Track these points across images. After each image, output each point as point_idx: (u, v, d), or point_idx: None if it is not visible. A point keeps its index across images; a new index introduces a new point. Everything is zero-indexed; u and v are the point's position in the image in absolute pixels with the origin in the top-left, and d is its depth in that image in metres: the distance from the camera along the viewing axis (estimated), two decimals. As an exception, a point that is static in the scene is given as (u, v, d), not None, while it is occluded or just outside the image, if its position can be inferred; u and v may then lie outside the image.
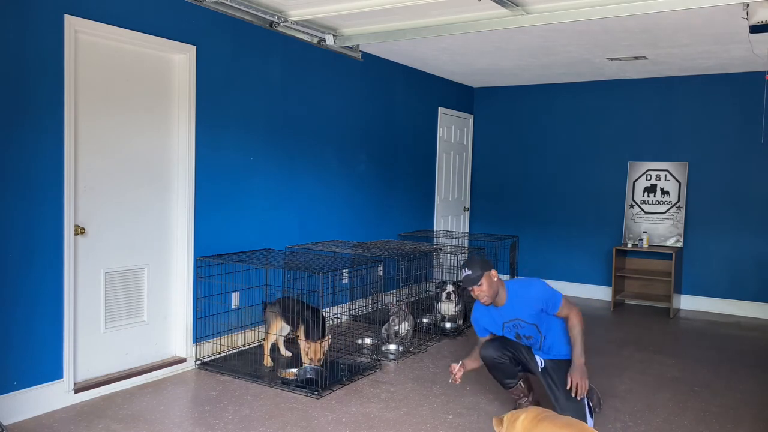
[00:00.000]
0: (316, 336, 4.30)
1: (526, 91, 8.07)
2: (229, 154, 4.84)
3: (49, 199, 3.67)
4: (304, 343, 4.34)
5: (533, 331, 3.51)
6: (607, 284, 7.45)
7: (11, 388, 3.55)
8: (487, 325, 3.66)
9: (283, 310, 4.54)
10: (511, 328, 3.55)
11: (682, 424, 3.80)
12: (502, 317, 3.55)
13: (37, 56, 3.57)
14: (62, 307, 3.77)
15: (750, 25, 4.36)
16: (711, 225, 6.99)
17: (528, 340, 3.55)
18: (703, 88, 6.99)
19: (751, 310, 6.81)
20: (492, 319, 3.62)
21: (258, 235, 5.15)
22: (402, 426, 3.64)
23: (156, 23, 4.20)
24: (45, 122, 3.63)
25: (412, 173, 7.27)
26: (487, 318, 3.64)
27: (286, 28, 5.11)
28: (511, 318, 3.52)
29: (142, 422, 3.60)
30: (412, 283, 6.27)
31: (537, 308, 3.46)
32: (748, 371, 4.86)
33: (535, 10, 4.55)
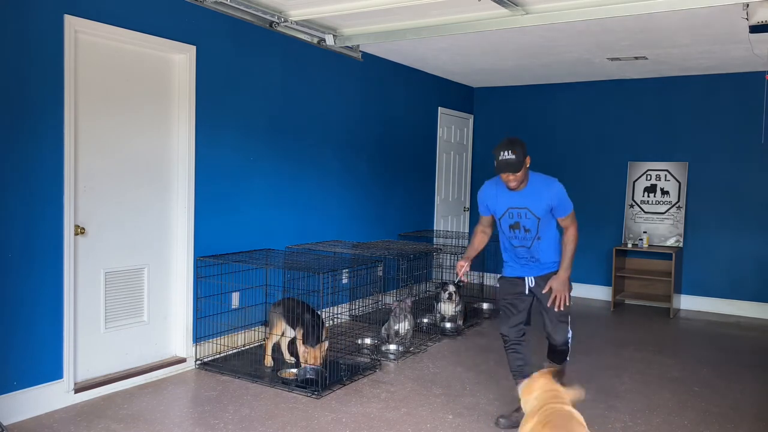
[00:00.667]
0: (313, 341, 4.29)
1: (526, 91, 8.07)
2: (229, 154, 4.84)
3: (49, 199, 3.67)
4: (303, 348, 4.34)
5: (533, 226, 3.53)
6: (607, 284, 7.44)
7: (11, 388, 3.55)
8: (491, 204, 3.66)
9: (285, 311, 4.53)
10: (515, 215, 3.55)
11: (682, 424, 3.80)
12: (511, 203, 3.56)
13: (37, 56, 3.57)
14: (62, 307, 3.77)
15: (750, 25, 4.36)
16: (711, 225, 6.99)
17: (525, 233, 3.55)
18: (703, 88, 6.99)
19: (751, 310, 6.81)
20: (498, 202, 3.61)
21: (258, 235, 5.15)
22: (402, 426, 3.64)
23: (156, 23, 4.20)
24: (45, 122, 3.63)
25: (412, 173, 7.27)
26: (493, 200, 3.64)
27: (286, 28, 5.10)
28: (521, 206, 3.53)
29: (142, 422, 3.60)
30: (412, 283, 6.27)
31: (549, 205, 3.50)
32: (748, 371, 4.86)
33: (535, 10, 4.55)
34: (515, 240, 3.64)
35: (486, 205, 3.72)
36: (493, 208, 3.68)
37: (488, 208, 3.72)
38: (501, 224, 3.67)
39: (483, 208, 3.76)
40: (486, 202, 3.71)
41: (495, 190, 3.65)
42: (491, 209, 3.69)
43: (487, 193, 3.69)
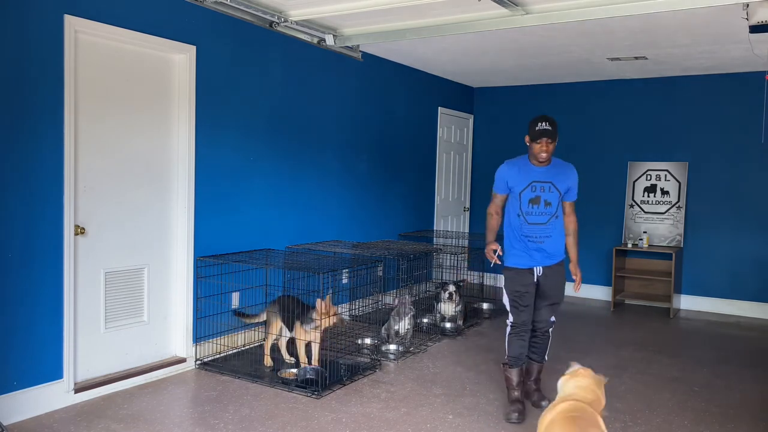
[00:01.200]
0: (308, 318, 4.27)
1: (526, 91, 8.07)
2: (229, 154, 4.84)
3: (49, 199, 3.67)
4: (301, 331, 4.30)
5: (555, 200, 3.81)
6: (607, 284, 7.44)
7: (11, 388, 3.55)
8: (512, 181, 3.82)
9: (281, 310, 4.52)
10: (538, 189, 3.78)
11: (682, 424, 3.80)
12: (535, 176, 3.79)
13: (37, 56, 3.57)
14: (62, 307, 3.77)
15: (750, 25, 4.35)
16: (711, 225, 6.99)
17: (545, 207, 3.78)
18: (703, 88, 6.99)
19: (751, 310, 6.81)
20: (521, 176, 3.79)
21: (258, 235, 5.15)
22: (402, 426, 3.64)
23: (156, 23, 4.20)
24: (45, 122, 3.63)
25: (412, 173, 7.27)
26: (515, 175, 3.81)
27: (286, 28, 5.10)
28: (545, 180, 3.79)
29: (142, 422, 3.60)
30: (412, 283, 6.27)
31: (567, 185, 3.85)
32: (748, 371, 4.86)
33: (535, 10, 4.55)
34: (531, 216, 3.79)
35: (506, 182, 3.86)
36: (513, 184, 3.82)
37: (507, 185, 3.86)
38: (520, 199, 3.80)
39: (502, 185, 3.88)
40: (506, 179, 3.85)
41: (517, 167, 3.84)
42: (510, 185, 3.84)
43: (508, 169, 3.86)
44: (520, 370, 3.89)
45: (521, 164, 3.83)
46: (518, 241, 3.86)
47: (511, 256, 3.90)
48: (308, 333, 4.33)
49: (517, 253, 3.87)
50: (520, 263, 3.85)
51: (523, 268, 3.84)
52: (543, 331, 3.96)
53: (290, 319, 4.44)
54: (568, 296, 7.52)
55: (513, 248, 3.89)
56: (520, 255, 3.86)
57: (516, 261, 3.87)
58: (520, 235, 3.83)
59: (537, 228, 3.80)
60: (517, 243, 3.86)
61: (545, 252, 3.83)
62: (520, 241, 3.84)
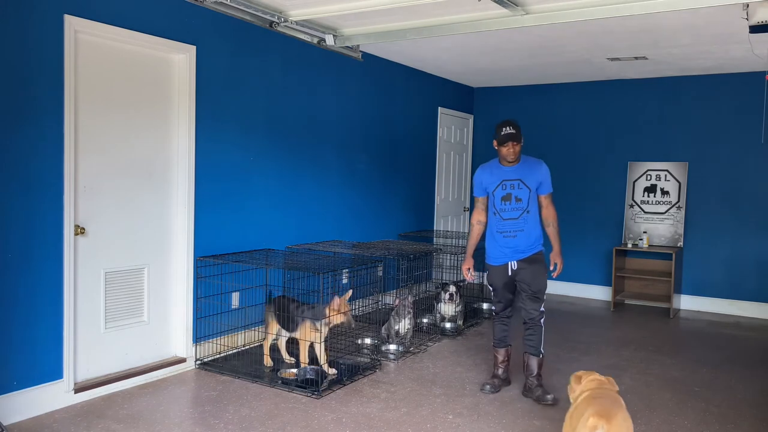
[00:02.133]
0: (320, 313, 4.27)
1: (526, 91, 8.07)
2: (229, 154, 4.84)
3: (49, 199, 3.67)
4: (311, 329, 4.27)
5: (525, 196, 4.08)
6: (607, 284, 7.45)
7: (11, 388, 3.55)
8: (485, 182, 4.17)
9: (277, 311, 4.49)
10: (508, 187, 4.10)
11: (682, 424, 3.80)
12: (505, 176, 4.11)
13: (37, 56, 3.57)
14: (62, 307, 3.77)
15: (750, 25, 4.35)
16: (711, 225, 6.99)
17: (516, 203, 4.08)
18: (703, 88, 6.99)
19: (751, 310, 6.81)
20: (493, 177, 4.14)
21: (258, 235, 5.15)
22: (402, 426, 3.64)
23: (156, 23, 4.20)
24: (45, 122, 3.63)
25: (412, 173, 7.27)
26: (488, 177, 4.16)
27: (286, 28, 5.10)
28: (514, 178, 4.10)
29: (142, 422, 3.60)
30: (412, 283, 6.27)
31: (538, 180, 4.11)
32: (748, 371, 4.86)
33: (535, 10, 4.55)
34: (505, 213, 4.11)
35: (482, 185, 4.21)
36: (487, 184, 4.18)
37: (483, 188, 4.21)
38: (494, 197, 4.14)
39: (480, 189, 4.24)
40: (482, 181, 4.21)
41: (489, 170, 4.20)
42: (485, 186, 4.19)
43: (482, 172, 4.23)
44: (506, 350, 4.33)
45: (493, 166, 4.20)
46: (492, 238, 4.21)
47: (489, 253, 4.26)
48: (318, 330, 4.27)
49: (492, 251, 4.23)
50: (495, 261, 4.21)
51: (497, 264, 4.20)
52: (533, 322, 4.18)
53: (289, 319, 4.42)
54: (568, 296, 7.57)
55: (489, 245, 4.25)
56: (494, 253, 4.21)
57: (492, 259, 4.23)
58: (495, 232, 4.17)
59: (510, 223, 4.12)
60: (491, 240, 4.22)
61: (517, 247, 4.12)
62: (494, 237, 4.19)
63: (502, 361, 4.32)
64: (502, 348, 4.32)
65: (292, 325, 4.39)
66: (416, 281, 6.60)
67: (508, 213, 4.11)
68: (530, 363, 4.18)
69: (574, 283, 7.75)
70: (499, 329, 4.33)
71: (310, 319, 4.28)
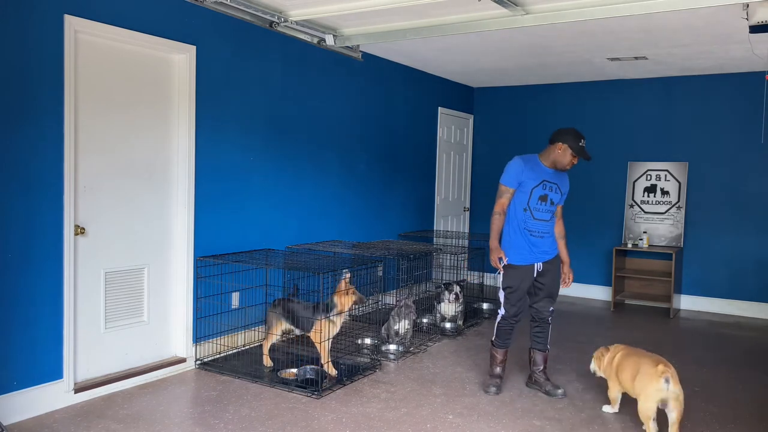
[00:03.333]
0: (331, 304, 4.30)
1: (526, 91, 8.07)
2: (229, 154, 4.84)
3: (49, 199, 3.67)
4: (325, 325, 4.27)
5: (557, 200, 4.18)
6: (607, 284, 7.45)
7: (11, 388, 3.55)
8: (526, 177, 4.07)
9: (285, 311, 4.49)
10: (547, 188, 4.11)
11: (682, 424, 3.79)
12: (546, 176, 4.12)
13: (37, 56, 3.57)
14: (62, 307, 3.77)
15: (750, 25, 4.35)
16: (711, 225, 6.99)
17: (550, 206, 4.13)
18: (703, 88, 6.99)
19: (751, 310, 6.81)
20: (535, 174, 4.08)
21: (258, 235, 5.15)
22: (402, 426, 3.64)
23: (156, 23, 4.20)
24: (45, 122, 3.63)
25: (412, 173, 7.27)
26: (530, 173, 4.08)
27: (286, 28, 5.10)
28: (554, 181, 4.14)
29: (142, 422, 3.60)
30: (412, 283, 6.27)
31: (565, 190, 4.25)
32: (748, 371, 4.86)
33: (535, 10, 4.55)
34: (538, 213, 4.09)
35: (519, 178, 4.08)
36: (526, 179, 4.07)
37: (520, 181, 4.08)
38: (531, 195, 4.07)
39: (513, 179, 4.09)
40: (520, 174, 4.08)
41: (531, 164, 4.11)
42: (523, 180, 4.07)
43: (524, 165, 4.10)
44: (505, 351, 4.31)
45: (534, 162, 4.12)
46: (520, 236, 4.09)
47: (514, 253, 4.11)
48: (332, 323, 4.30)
49: (518, 250, 4.10)
50: (524, 260, 4.11)
51: (525, 264, 4.11)
52: (544, 320, 4.25)
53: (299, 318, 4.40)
54: (568, 296, 7.57)
55: (514, 244, 4.11)
56: (522, 252, 4.10)
57: (519, 258, 4.11)
58: (524, 229, 4.08)
59: (541, 224, 4.10)
60: (519, 238, 4.10)
61: (543, 247, 4.13)
62: (522, 234, 4.09)
63: (501, 360, 4.33)
64: (503, 348, 4.31)
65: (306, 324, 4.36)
66: (416, 281, 6.60)
67: (541, 214, 4.10)
68: (537, 358, 4.29)
69: (574, 283, 7.74)
70: (506, 332, 4.25)
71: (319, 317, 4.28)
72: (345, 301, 4.29)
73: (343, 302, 4.29)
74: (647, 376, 3.46)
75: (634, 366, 3.61)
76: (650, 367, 3.47)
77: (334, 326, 4.34)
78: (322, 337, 4.27)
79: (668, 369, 3.40)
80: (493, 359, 4.33)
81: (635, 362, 3.63)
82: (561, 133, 4.09)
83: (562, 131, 4.10)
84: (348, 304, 4.30)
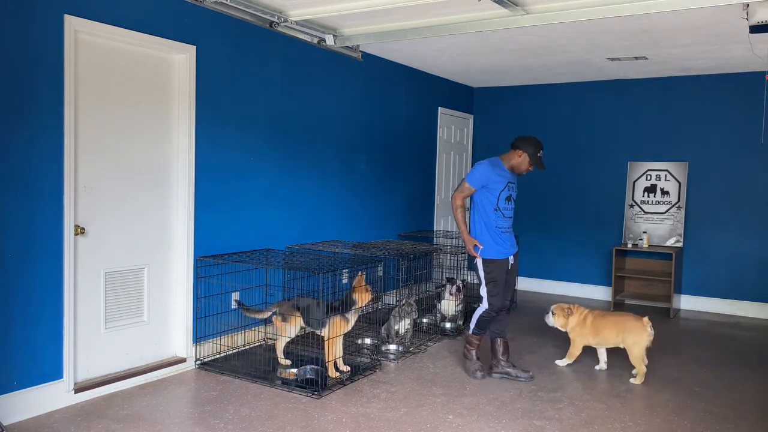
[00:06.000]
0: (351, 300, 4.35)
1: (526, 91, 8.07)
2: (229, 154, 4.84)
3: (49, 199, 3.67)
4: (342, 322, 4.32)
5: (515, 197, 4.51)
6: (607, 284, 7.45)
7: (11, 388, 3.55)
8: (491, 181, 4.35)
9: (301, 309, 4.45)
10: (511, 188, 4.45)
11: (682, 424, 3.80)
12: (509, 178, 4.43)
13: (37, 56, 3.57)
14: (62, 307, 3.77)
15: (750, 25, 4.35)
16: (711, 225, 6.99)
17: (513, 204, 4.50)
18: (703, 88, 6.99)
19: (751, 310, 6.81)
20: (500, 178, 4.37)
21: (258, 235, 5.15)
22: (402, 426, 3.64)
23: (156, 23, 4.20)
24: (45, 122, 3.63)
25: (412, 173, 7.27)
26: (495, 177, 4.36)
27: (286, 28, 5.10)
28: (513, 181, 4.47)
29: (142, 422, 3.60)
30: (412, 283, 6.27)
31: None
32: (748, 371, 4.86)
33: (535, 10, 4.55)
34: (507, 211, 4.43)
35: (484, 180, 4.36)
36: (491, 182, 4.35)
37: (482, 183, 4.36)
38: (500, 196, 4.37)
39: (478, 180, 4.38)
40: (488, 178, 4.36)
41: (497, 170, 4.40)
42: (487, 183, 4.35)
43: (491, 171, 4.37)
44: (481, 337, 4.60)
45: (498, 166, 4.43)
46: (494, 233, 4.40)
47: (492, 249, 4.42)
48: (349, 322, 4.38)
49: (495, 246, 4.42)
50: (500, 254, 4.43)
51: (502, 258, 4.44)
52: (506, 310, 4.61)
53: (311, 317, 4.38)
54: (568, 296, 7.58)
55: (490, 241, 4.42)
56: (497, 247, 4.42)
57: (495, 253, 4.42)
58: (495, 227, 4.40)
59: (508, 221, 4.47)
60: (492, 235, 4.40)
61: (511, 241, 4.50)
62: (495, 232, 4.40)
63: (478, 345, 4.61)
64: (481, 336, 4.57)
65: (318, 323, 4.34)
66: (416, 281, 6.60)
67: (509, 212, 4.45)
68: (503, 347, 4.57)
69: (574, 283, 7.75)
70: (487, 323, 4.52)
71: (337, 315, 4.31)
72: (363, 298, 4.36)
73: (363, 298, 4.36)
74: (637, 329, 4.46)
75: (618, 324, 4.55)
76: (636, 321, 4.49)
77: (347, 324, 4.36)
78: (334, 333, 4.30)
79: (649, 320, 4.47)
80: (472, 345, 4.57)
81: (616, 321, 4.58)
82: (523, 141, 4.38)
83: (524, 139, 4.38)
84: (366, 300, 4.38)
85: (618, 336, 4.55)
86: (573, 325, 4.74)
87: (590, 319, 4.68)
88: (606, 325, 4.61)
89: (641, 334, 4.44)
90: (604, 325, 4.61)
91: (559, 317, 4.79)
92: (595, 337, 4.66)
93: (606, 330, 4.60)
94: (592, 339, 4.68)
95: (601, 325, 4.63)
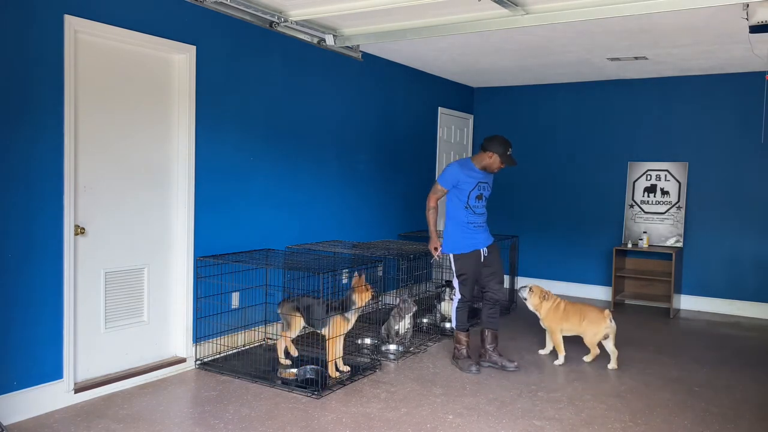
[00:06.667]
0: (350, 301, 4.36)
1: (526, 91, 8.07)
2: (229, 154, 4.84)
3: (49, 199, 3.67)
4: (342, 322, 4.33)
5: (488, 195, 4.73)
6: (607, 284, 7.45)
7: (11, 388, 3.55)
8: (461, 181, 4.58)
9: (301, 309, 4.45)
10: (482, 188, 4.65)
11: (682, 424, 3.80)
12: (480, 178, 4.64)
13: (38, 56, 3.57)
14: (62, 307, 3.77)
15: (750, 25, 4.35)
16: (711, 225, 6.99)
17: (485, 202, 4.71)
18: (703, 88, 6.99)
19: (751, 310, 6.81)
20: (470, 179, 4.59)
21: (258, 235, 5.15)
22: (402, 426, 3.64)
23: (156, 23, 4.20)
24: (45, 122, 3.63)
25: (412, 173, 7.27)
26: (465, 177, 4.59)
27: (286, 28, 5.10)
28: (485, 181, 4.68)
29: (142, 422, 3.60)
30: (412, 283, 6.27)
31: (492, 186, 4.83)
32: (748, 371, 4.86)
33: (535, 10, 4.55)
34: (478, 209, 4.67)
35: (454, 181, 4.60)
36: (461, 183, 4.58)
37: (453, 183, 4.60)
38: (470, 195, 4.60)
39: (449, 181, 4.62)
40: (458, 178, 4.59)
41: (467, 171, 4.62)
42: (457, 183, 4.59)
43: (461, 172, 4.60)
44: (468, 333, 4.79)
45: (468, 167, 4.64)
46: (464, 229, 4.64)
47: (460, 244, 4.66)
48: (350, 322, 4.38)
49: (464, 241, 4.65)
50: (468, 248, 4.65)
51: (470, 251, 4.66)
52: (497, 302, 4.79)
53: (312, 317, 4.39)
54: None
55: (459, 237, 4.66)
56: (467, 242, 4.65)
57: (466, 247, 4.65)
58: (466, 224, 4.64)
59: (480, 217, 4.70)
60: (463, 231, 4.64)
61: (484, 235, 4.71)
62: (466, 228, 4.64)
63: (466, 341, 4.77)
64: (465, 331, 4.77)
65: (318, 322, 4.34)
66: (416, 281, 6.60)
67: (480, 209, 4.70)
68: (491, 337, 4.78)
69: (574, 282, 7.75)
70: (464, 315, 4.74)
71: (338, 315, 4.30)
72: (363, 298, 4.36)
73: (362, 298, 4.36)
74: (598, 319, 4.86)
75: (581, 313, 4.91)
76: (599, 312, 4.89)
77: (348, 324, 4.36)
78: (334, 333, 4.29)
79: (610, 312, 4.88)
80: (460, 342, 4.75)
81: (580, 309, 4.94)
82: (491, 142, 4.57)
83: (491, 140, 4.58)
84: (365, 300, 4.38)
85: (580, 324, 4.89)
86: (547, 310, 4.97)
87: (562, 306, 4.96)
88: (574, 312, 4.92)
89: (600, 324, 4.83)
90: (573, 313, 4.92)
91: (535, 296, 5.01)
92: (565, 324, 4.94)
93: (573, 317, 4.91)
94: (564, 325, 4.95)
95: (571, 312, 4.93)
